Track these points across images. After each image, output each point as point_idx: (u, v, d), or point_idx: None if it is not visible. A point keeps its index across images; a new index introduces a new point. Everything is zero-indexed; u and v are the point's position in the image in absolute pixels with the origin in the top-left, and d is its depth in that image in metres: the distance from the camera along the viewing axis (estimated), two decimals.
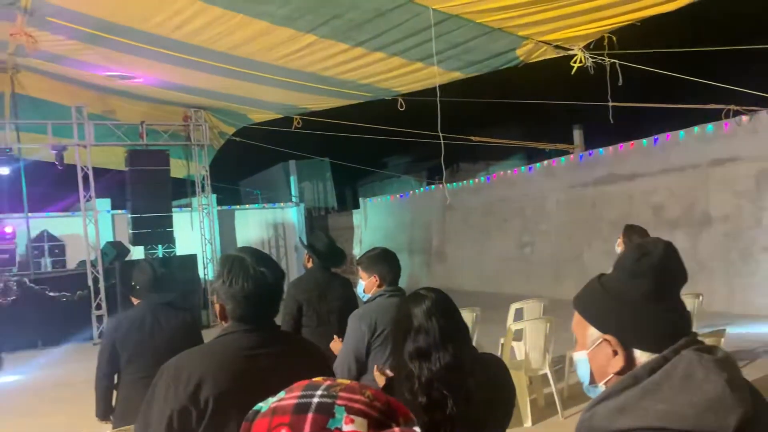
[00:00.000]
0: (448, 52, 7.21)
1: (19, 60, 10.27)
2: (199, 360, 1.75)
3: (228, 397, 1.67)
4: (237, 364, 1.74)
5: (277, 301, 1.89)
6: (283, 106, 11.36)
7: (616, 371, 1.17)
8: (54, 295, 11.31)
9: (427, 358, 1.96)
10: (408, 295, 2.17)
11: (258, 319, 1.82)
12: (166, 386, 1.69)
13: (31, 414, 3.75)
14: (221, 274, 1.82)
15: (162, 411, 1.65)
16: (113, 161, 13.52)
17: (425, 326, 1.99)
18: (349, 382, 0.84)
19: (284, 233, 18.07)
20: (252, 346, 1.78)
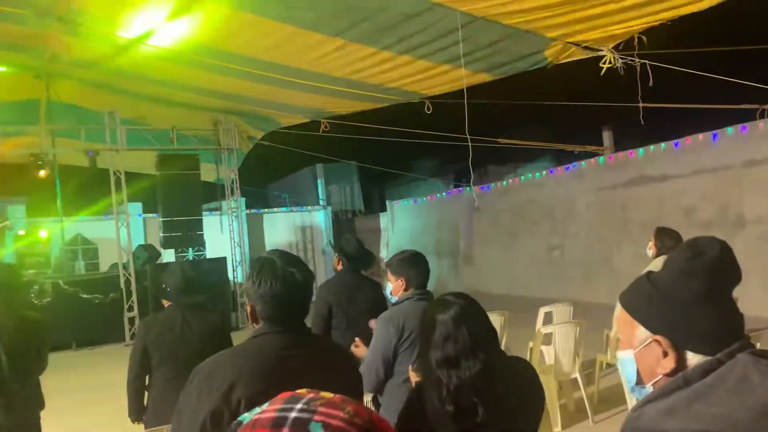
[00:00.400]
0: (476, 54, 7.19)
1: (53, 67, 10.52)
2: (232, 362, 1.77)
3: (260, 398, 1.64)
4: (269, 366, 1.75)
5: (306, 302, 1.91)
6: (311, 110, 11.44)
7: (666, 372, 1.14)
8: (87, 297, 11.53)
9: (455, 365, 1.93)
10: (434, 300, 2.14)
11: (288, 321, 1.83)
12: (199, 388, 1.71)
13: (65, 414, 3.84)
14: (251, 275, 1.85)
15: (196, 413, 1.67)
16: (145, 165, 13.76)
17: (453, 334, 1.96)
18: (331, 396, 0.82)
19: (312, 236, 18.18)
20: (283, 347, 1.80)
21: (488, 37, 6.79)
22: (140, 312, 11.49)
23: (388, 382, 3.05)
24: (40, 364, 3.71)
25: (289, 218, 18.21)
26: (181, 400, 1.74)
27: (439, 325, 1.99)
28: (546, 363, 5.50)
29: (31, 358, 3.60)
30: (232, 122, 13.43)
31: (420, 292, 3.12)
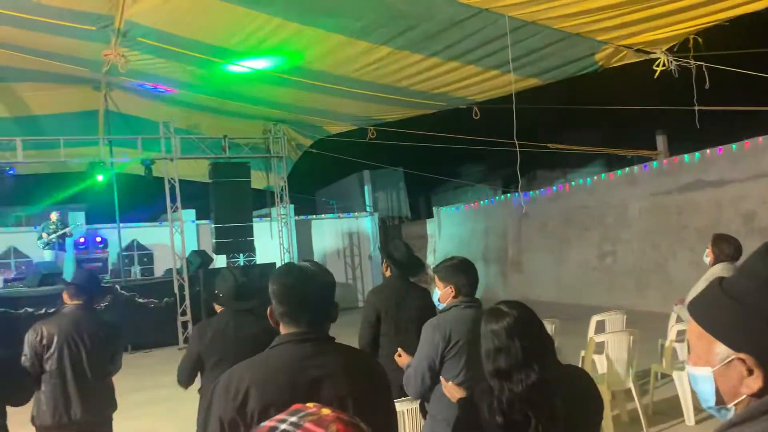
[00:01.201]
0: (525, 58, 7.12)
1: (111, 79, 10.91)
2: (249, 372, 1.75)
3: (271, 410, 1.65)
4: (282, 377, 1.72)
5: (323, 299, 1.86)
6: (359, 118, 11.54)
7: (752, 393, 1.03)
8: (143, 301, 11.87)
9: (508, 378, 1.91)
10: (489, 309, 2.11)
11: (308, 329, 1.80)
12: (218, 397, 1.72)
13: (119, 416, 3.98)
14: (271, 284, 1.86)
15: (215, 421, 1.69)
16: (198, 173, 14.12)
17: (506, 346, 1.93)
18: (325, 414, 0.85)
19: (359, 242, 18.26)
20: (300, 357, 1.76)
21: (537, 41, 6.72)
22: (193, 316, 11.76)
23: (434, 390, 3.03)
24: (114, 367, 3.91)
25: (336, 225, 18.35)
26: (206, 406, 1.77)
27: (492, 335, 1.97)
28: (598, 372, 5.38)
29: (107, 361, 3.79)
30: (282, 130, 13.65)
31: (468, 300, 3.09)
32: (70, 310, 3.75)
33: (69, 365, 3.60)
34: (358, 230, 18.40)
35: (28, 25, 7.68)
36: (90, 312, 3.81)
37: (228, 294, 3.78)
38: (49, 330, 3.61)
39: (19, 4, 7.04)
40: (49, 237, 12.91)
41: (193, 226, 16.10)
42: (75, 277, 3.91)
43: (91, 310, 3.83)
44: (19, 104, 11.66)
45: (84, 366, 3.64)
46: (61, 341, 3.59)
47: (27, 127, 12.09)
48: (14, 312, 10.43)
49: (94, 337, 3.70)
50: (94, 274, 4.07)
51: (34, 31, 8.01)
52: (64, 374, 3.60)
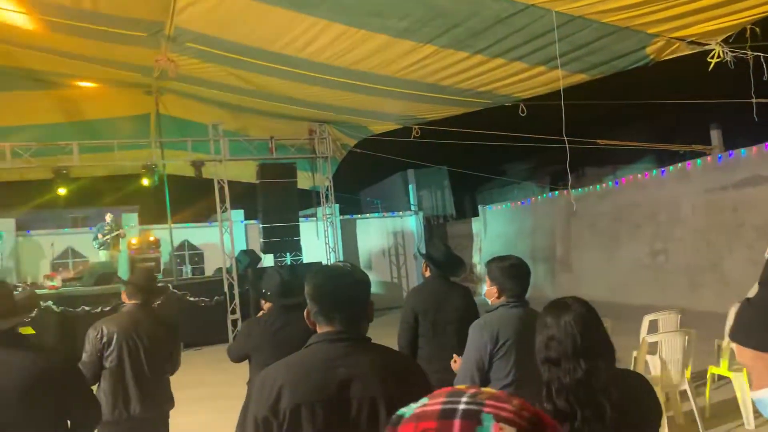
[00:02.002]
0: (572, 54, 6.98)
1: (162, 83, 11.21)
2: (283, 371, 1.78)
3: (302, 409, 1.68)
4: (314, 377, 1.74)
5: (356, 298, 1.86)
6: (403, 117, 11.53)
7: None
8: (194, 300, 12.15)
9: (557, 367, 1.93)
10: (554, 300, 2.12)
11: (342, 328, 1.81)
12: (255, 395, 1.76)
13: (173, 412, 4.09)
14: (310, 281, 1.89)
15: (251, 418, 1.72)
16: (246, 174, 14.38)
17: (559, 337, 1.95)
18: (495, 391, 0.82)
19: (403, 241, 18.27)
20: (333, 356, 1.77)
21: (586, 36, 6.58)
22: (242, 314, 11.97)
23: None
24: (173, 365, 4.00)
25: (381, 224, 18.40)
26: (245, 403, 1.81)
27: (550, 324, 1.99)
28: (651, 374, 5.24)
29: (165, 358, 3.89)
30: (327, 131, 13.77)
31: (515, 300, 3.06)
32: (128, 309, 3.86)
33: (128, 363, 3.69)
34: (402, 229, 18.41)
35: (83, 33, 7.96)
36: (148, 311, 3.90)
37: (274, 291, 3.85)
38: (109, 328, 3.72)
39: (75, 13, 7.30)
40: (104, 238, 13.35)
41: (242, 226, 16.38)
42: (132, 277, 4.02)
43: (149, 309, 3.92)
44: (75, 109, 12.10)
45: (142, 363, 3.73)
46: (121, 339, 3.70)
47: (82, 132, 12.53)
48: (72, 310, 10.82)
49: (151, 336, 3.79)
50: (151, 274, 4.18)
51: (89, 39, 8.29)
52: (124, 371, 3.70)
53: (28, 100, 11.22)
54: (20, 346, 2.55)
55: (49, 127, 12.18)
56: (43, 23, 7.75)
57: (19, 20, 7.64)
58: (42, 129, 12.10)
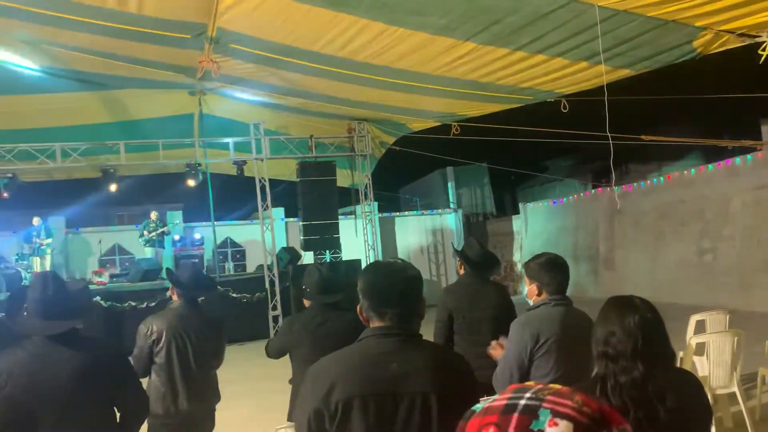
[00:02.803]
0: (616, 49, 6.84)
1: (205, 84, 11.42)
2: (335, 364, 1.81)
3: (354, 402, 1.70)
4: (366, 371, 1.76)
5: (412, 307, 1.87)
6: (442, 114, 11.49)
7: None
8: (236, 296, 12.36)
9: (614, 363, 1.92)
10: (619, 297, 2.09)
11: (394, 324, 1.82)
12: (306, 387, 1.79)
13: (218, 405, 4.17)
14: (363, 277, 1.91)
15: (304, 411, 1.75)
16: (286, 173, 14.54)
17: (620, 336, 1.93)
18: (559, 387, 0.84)
19: (443, 239, 18.21)
20: (385, 351, 1.78)
21: (630, 31, 6.43)
22: (283, 311, 12.12)
23: None
24: (218, 360, 4.09)
25: (420, 221, 18.38)
26: (299, 397, 1.84)
27: (612, 321, 1.97)
28: (699, 375, 5.11)
29: (211, 354, 3.97)
30: (366, 129, 13.82)
31: (558, 298, 3.03)
32: (176, 305, 3.94)
33: (176, 359, 3.77)
34: (441, 227, 18.36)
35: (129, 36, 8.16)
36: (194, 307, 3.96)
37: (314, 288, 3.88)
38: (158, 325, 3.80)
39: (120, 17, 7.50)
40: (149, 235, 13.70)
41: (282, 223, 16.58)
42: (179, 274, 4.10)
43: (196, 306, 3.98)
44: (122, 110, 12.42)
45: (190, 359, 3.81)
46: (169, 336, 3.78)
47: (128, 131, 12.86)
48: (119, 306, 11.13)
49: (198, 332, 3.86)
50: (197, 271, 4.25)
51: (134, 41, 8.50)
52: (172, 367, 3.78)
53: (76, 101, 11.56)
54: (74, 341, 2.64)
55: (97, 127, 12.53)
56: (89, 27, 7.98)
57: (65, 24, 7.89)
58: (90, 129, 12.46)
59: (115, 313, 11.09)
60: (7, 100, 10.97)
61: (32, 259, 13.01)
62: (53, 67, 10.16)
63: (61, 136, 12.07)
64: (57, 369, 2.53)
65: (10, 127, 11.83)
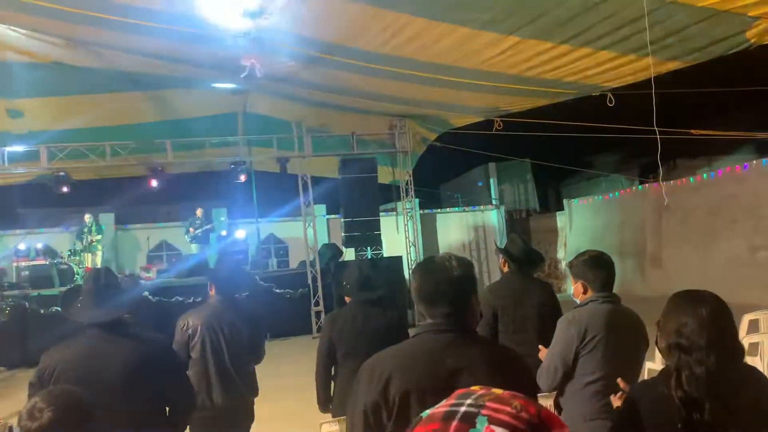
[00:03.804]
0: (665, 41, 6.66)
1: (249, 83, 11.56)
2: (391, 358, 1.83)
3: (412, 396, 1.72)
4: (423, 365, 1.78)
5: (466, 302, 1.88)
6: (485, 109, 11.38)
7: None
8: (279, 291, 12.52)
9: (688, 355, 1.89)
10: (688, 291, 2.07)
11: (447, 320, 1.83)
12: (363, 381, 1.80)
13: (261, 399, 4.22)
14: (412, 277, 1.93)
15: (360, 404, 1.77)
16: (328, 170, 14.64)
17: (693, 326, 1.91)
18: (500, 393, 0.85)
19: (485, 236, 18.06)
20: (440, 347, 1.80)
21: (679, 22, 6.25)
22: (325, 306, 12.22)
23: (569, 385, 2.96)
24: (255, 356, 4.09)
25: (461, 218, 18.27)
26: (353, 391, 1.85)
27: (685, 311, 1.95)
28: None
29: (247, 350, 3.98)
30: (407, 125, 13.79)
31: (605, 295, 2.99)
32: (213, 301, 3.99)
33: (210, 354, 3.81)
34: (483, 224, 18.21)
35: (175, 36, 8.33)
36: (231, 303, 3.99)
37: (354, 285, 3.91)
38: (193, 321, 3.86)
39: (168, 18, 7.65)
40: (195, 231, 13.98)
41: (324, 220, 16.70)
42: (217, 270, 4.16)
43: (232, 302, 4.02)
44: (169, 109, 12.70)
45: (224, 355, 3.84)
46: (203, 332, 3.82)
47: (175, 130, 13.14)
48: (167, 300, 11.39)
49: (233, 328, 3.88)
50: (233, 268, 4.30)
51: (181, 42, 8.67)
52: (206, 362, 3.83)
53: (125, 101, 11.87)
54: (125, 334, 2.72)
55: (145, 126, 12.84)
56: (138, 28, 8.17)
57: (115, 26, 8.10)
58: (138, 128, 12.77)
59: (163, 308, 11.35)
60: (62, 100, 11.35)
61: (84, 255, 13.42)
62: (101, 68, 10.45)
63: (110, 135, 12.40)
64: (108, 362, 2.61)
65: (64, 126, 12.22)
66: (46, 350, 2.70)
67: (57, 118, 11.93)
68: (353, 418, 1.80)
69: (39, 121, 12.05)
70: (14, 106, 11.47)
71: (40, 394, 1.88)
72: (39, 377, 2.62)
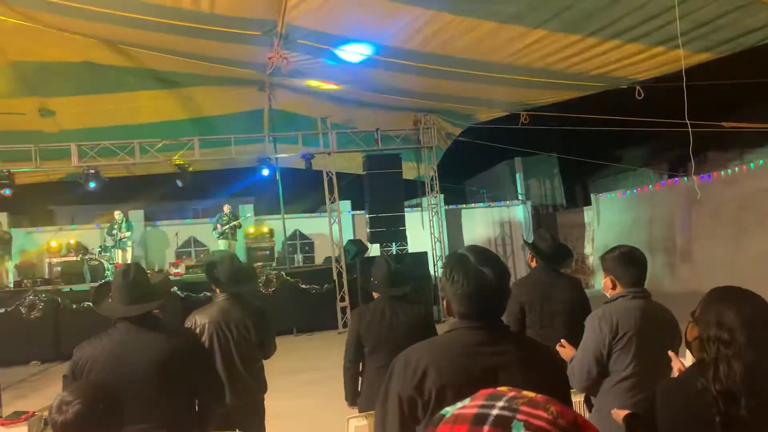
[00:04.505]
0: (695, 32, 6.52)
1: (274, 80, 11.64)
2: (427, 353, 1.82)
3: (448, 391, 1.71)
4: (459, 360, 1.77)
5: (501, 299, 1.86)
6: (511, 103, 11.30)
7: None
8: (305, 287, 12.60)
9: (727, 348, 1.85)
10: (726, 286, 2.03)
11: (482, 317, 1.82)
12: (397, 376, 1.79)
13: (287, 395, 4.25)
14: (445, 272, 1.89)
15: (395, 398, 1.76)
16: (352, 166, 14.69)
17: (733, 320, 1.87)
18: (534, 396, 0.80)
19: (511, 231, 17.94)
20: (476, 343, 1.79)
21: (711, 12, 6.12)
22: (351, 302, 12.27)
23: (602, 383, 2.93)
24: (264, 352, 4.02)
25: (487, 213, 18.16)
26: (383, 387, 1.84)
27: (725, 305, 1.91)
28: None
29: (255, 347, 3.92)
30: (432, 120, 13.75)
31: (636, 290, 2.95)
32: (219, 299, 3.93)
33: (218, 353, 3.74)
34: (509, 219, 18.09)
35: (201, 34, 8.41)
36: (238, 301, 3.93)
37: (382, 280, 3.91)
38: (201, 320, 3.81)
39: (193, 16, 7.73)
40: (222, 228, 14.13)
41: (349, 216, 16.74)
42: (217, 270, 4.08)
43: (239, 299, 3.95)
44: (195, 107, 12.84)
45: (232, 353, 3.78)
46: (211, 330, 3.77)
47: (202, 128, 13.29)
48: (195, 296, 11.53)
49: (240, 326, 3.82)
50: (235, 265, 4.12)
51: (207, 40, 8.76)
52: (214, 360, 3.75)
53: (153, 98, 12.03)
54: (155, 328, 2.77)
55: (172, 123, 13.01)
56: (164, 27, 8.27)
57: (144, 25, 8.21)
58: (165, 126, 12.94)
59: (191, 304, 11.49)
60: (92, 99, 11.55)
61: (114, 251, 13.66)
62: (130, 67, 10.61)
63: (139, 133, 12.58)
64: (139, 355, 2.66)
65: (94, 125, 12.44)
66: (79, 344, 2.75)
67: (87, 117, 12.15)
68: (386, 410, 1.79)
69: (70, 119, 12.29)
70: (46, 105, 11.71)
71: (69, 387, 1.93)
72: (72, 370, 2.67)
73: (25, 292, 11.50)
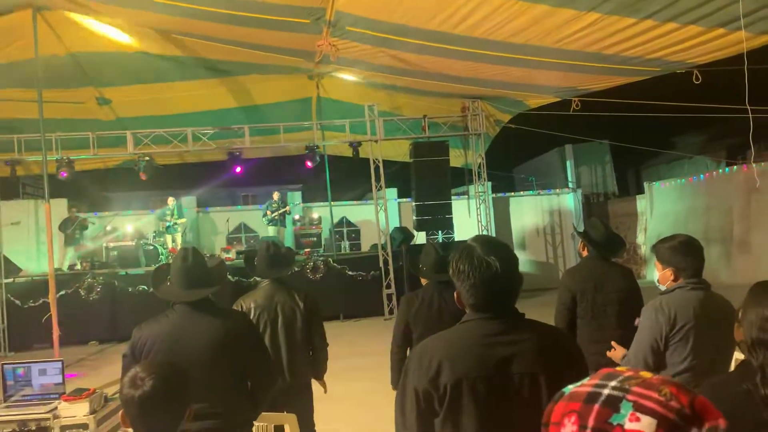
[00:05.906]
0: (759, 12, 6.24)
1: (323, 67, 11.71)
2: (441, 346, 1.79)
3: (463, 384, 1.69)
4: (472, 352, 1.74)
5: (510, 289, 1.82)
6: (562, 89, 11.06)
7: None
8: (352, 274, 12.71)
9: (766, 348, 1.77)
10: None
11: (492, 307, 1.79)
12: (413, 368, 1.78)
13: (333, 379, 4.29)
14: (452, 264, 1.86)
15: (412, 390, 1.75)
16: (399, 153, 14.67)
17: None
18: (649, 376, 0.80)
19: (560, 220, 17.63)
20: (489, 333, 1.76)
21: None
22: (396, 289, 12.31)
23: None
24: (315, 338, 4.05)
25: (535, 202, 17.89)
26: (401, 381, 1.83)
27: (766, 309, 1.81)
28: None
29: (300, 331, 3.96)
30: (480, 107, 13.60)
31: (694, 281, 2.85)
32: (264, 284, 4.00)
33: (266, 336, 3.80)
34: (559, 207, 17.78)
35: (251, 23, 8.52)
36: (283, 286, 3.99)
37: (430, 266, 3.92)
38: (247, 303, 3.89)
39: (243, 5, 7.84)
40: (272, 214, 14.35)
41: (396, 204, 16.76)
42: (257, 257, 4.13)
43: (284, 284, 4.01)
44: (246, 95, 13.04)
45: (278, 337, 3.86)
46: (257, 314, 3.85)
47: (252, 116, 13.48)
48: (245, 280, 11.77)
49: (287, 309, 3.90)
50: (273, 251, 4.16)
51: (256, 28, 8.86)
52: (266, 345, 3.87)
53: (205, 87, 12.28)
54: (211, 311, 2.84)
55: (223, 112, 13.25)
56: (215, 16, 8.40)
57: (196, 14, 8.36)
58: (217, 114, 13.20)
59: (242, 288, 11.74)
60: (146, 88, 11.86)
61: (167, 236, 14.04)
62: (184, 57, 10.83)
63: (192, 121, 12.85)
64: (196, 336, 2.73)
65: (149, 113, 12.78)
66: (138, 325, 2.85)
67: (142, 105, 12.48)
68: (404, 402, 1.79)
69: (125, 108, 12.66)
70: (102, 95, 12.09)
71: (140, 365, 1.99)
72: (132, 350, 2.77)
73: (83, 275, 11.96)
